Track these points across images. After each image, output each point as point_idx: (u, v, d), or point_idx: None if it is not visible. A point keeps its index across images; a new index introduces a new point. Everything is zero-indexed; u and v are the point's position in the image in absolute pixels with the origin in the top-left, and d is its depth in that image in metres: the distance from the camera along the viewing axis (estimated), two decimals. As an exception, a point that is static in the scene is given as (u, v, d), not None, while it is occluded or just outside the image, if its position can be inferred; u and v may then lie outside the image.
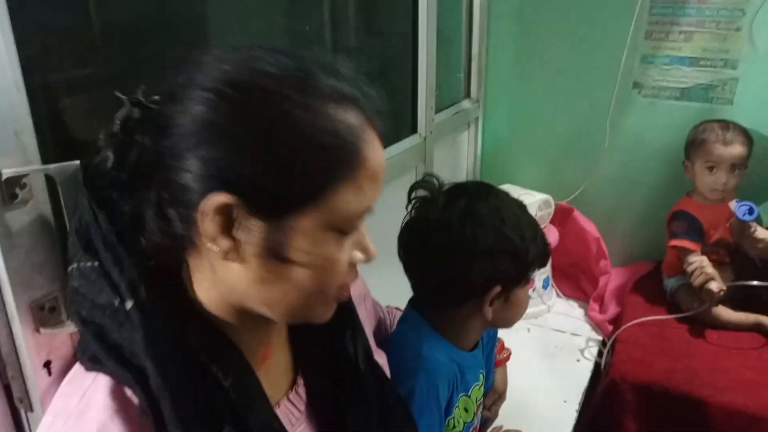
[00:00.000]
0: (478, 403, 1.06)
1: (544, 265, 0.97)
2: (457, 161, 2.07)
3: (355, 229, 0.59)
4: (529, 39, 2.00)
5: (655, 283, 1.85)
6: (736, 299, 1.63)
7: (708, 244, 1.68)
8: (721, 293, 1.52)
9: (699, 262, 1.58)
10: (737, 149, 1.61)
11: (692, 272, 1.57)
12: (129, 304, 0.55)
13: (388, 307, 1.12)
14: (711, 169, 1.64)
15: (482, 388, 1.07)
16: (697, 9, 1.75)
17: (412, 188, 0.99)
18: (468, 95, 2.09)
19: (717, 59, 1.78)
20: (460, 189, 0.95)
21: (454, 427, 0.99)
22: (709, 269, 1.56)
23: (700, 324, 1.62)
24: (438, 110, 1.80)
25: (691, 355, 1.53)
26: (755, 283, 1.55)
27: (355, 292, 0.87)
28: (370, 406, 0.72)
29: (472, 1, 1.96)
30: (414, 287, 1.00)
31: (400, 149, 1.47)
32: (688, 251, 1.64)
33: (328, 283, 0.59)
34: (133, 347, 0.55)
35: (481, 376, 1.06)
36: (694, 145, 1.68)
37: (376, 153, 0.58)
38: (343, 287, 0.61)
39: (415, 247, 0.96)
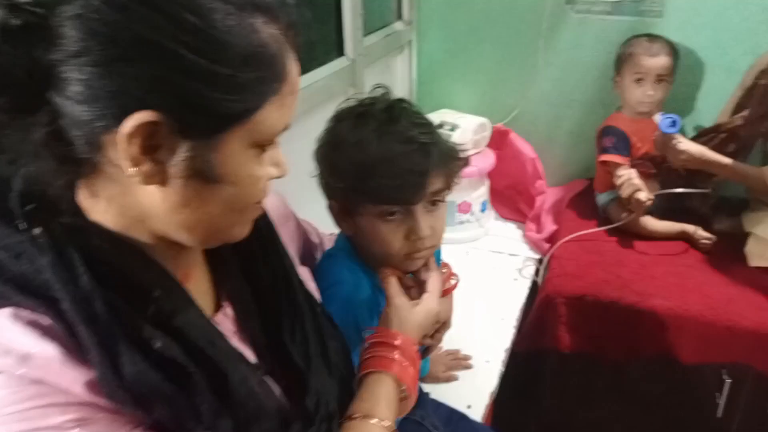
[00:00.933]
0: None
1: (385, 202, 0.88)
2: (391, 86, 1.99)
3: (273, 145, 0.59)
4: (460, -45, 1.92)
5: (588, 200, 1.88)
6: (662, 209, 1.68)
7: (635, 157, 1.71)
8: (649, 203, 1.56)
9: (627, 175, 1.61)
10: (663, 60, 1.63)
11: (621, 184, 1.60)
12: (36, 231, 0.51)
13: (332, 234, 1.10)
14: (638, 81, 1.66)
15: None
16: None
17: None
18: (400, 17, 2.01)
19: (647, -29, 1.75)
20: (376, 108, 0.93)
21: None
22: (637, 180, 1.59)
23: (630, 235, 1.67)
24: (368, 32, 1.73)
25: (621, 265, 1.58)
26: (680, 190, 1.61)
27: (276, 212, 0.84)
28: (304, 325, 0.72)
29: None
30: None
31: (326, 72, 1.40)
32: (617, 165, 1.67)
33: (249, 201, 0.59)
34: (37, 276, 0.51)
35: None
36: (623, 59, 1.69)
37: (295, 67, 0.57)
38: (260, 201, 0.62)
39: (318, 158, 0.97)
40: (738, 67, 1.71)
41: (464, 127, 1.89)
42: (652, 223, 1.65)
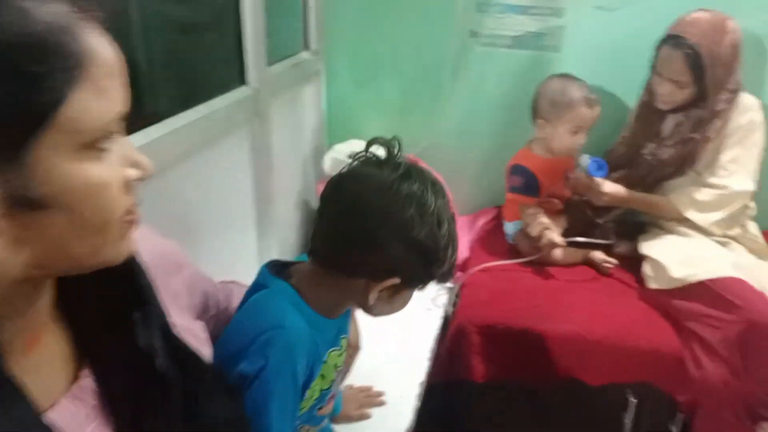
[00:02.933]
0: (337, 369, 1.01)
1: (443, 281, 0.92)
2: (300, 117, 1.98)
3: (112, 141, 0.50)
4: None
5: (497, 228, 1.92)
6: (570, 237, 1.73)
7: (544, 195, 1.75)
8: (562, 244, 1.63)
9: (534, 213, 1.65)
10: (598, 110, 1.66)
11: (529, 223, 1.64)
12: None
13: (222, 282, 1.02)
14: (575, 132, 1.67)
15: (343, 355, 1.01)
16: (524, -43, 1.79)
17: (371, 142, 0.90)
18: (307, 47, 1.98)
19: (545, 7, 1.84)
20: (418, 172, 0.87)
21: (310, 396, 0.93)
22: (545, 219, 1.64)
23: (538, 263, 1.70)
24: (275, 61, 1.69)
25: (531, 293, 1.60)
26: (582, 240, 1.68)
27: (164, 258, 0.76)
28: (171, 402, 0.61)
29: (304, -56, 1.85)
30: (317, 238, 0.90)
31: (227, 101, 1.34)
32: (525, 204, 1.71)
33: (106, 214, 0.50)
34: None
35: (342, 341, 1.00)
36: (557, 108, 1.65)
37: (103, 44, 0.48)
38: (129, 212, 0.53)
39: (347, 197, 0.86)
40: (631, 98, 1.81)
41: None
42: (558, 252, 1.70)
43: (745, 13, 1.56)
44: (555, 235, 1.63)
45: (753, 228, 1.67)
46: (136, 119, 1.10)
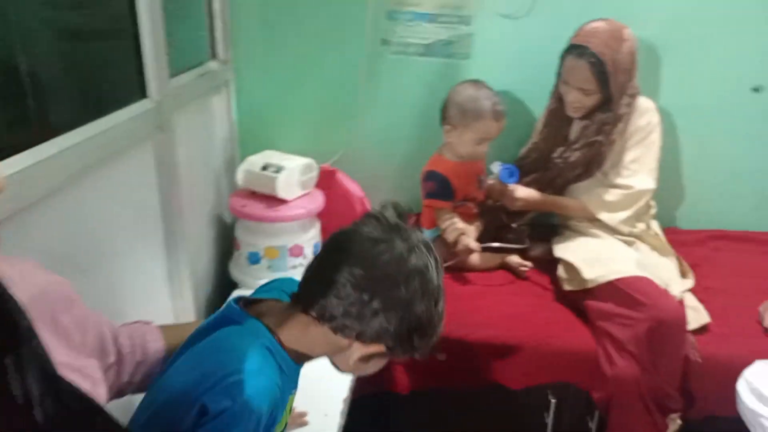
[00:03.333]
0: (291, 411, 0.97)
1: (423, 355, 0.90)
2: (210, 129, 1.90)
3: None
4: (276, -2, 1.89)
5: (417, 236, 1.91)
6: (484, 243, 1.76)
7: (458, 199, 1.77)
8: (478, 249, 1.64)
9: (450, 219, 1.67)
10: (503, 122, 1.68)
11: (445, 229, 1.65)
12: None
13: (125, 324, 0.94)
14: (479, 142, 1.69)
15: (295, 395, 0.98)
16: (431, -35, 1.80)
17: (385, 206, 0.91)
18: (214, 56, 1.91)
19: (453, 15, 1.86)
20: (425, 244, 0.86)
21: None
22: (460, 224, 1.67)
23: (456, 269, 1.71)
24: (179, 72, 1.61)
25: (451, 300, 1.58)
26: (497, 245, 1.72)
27: (51, 295, 0.69)
28: None
29: (207, -50, 1.77)
30: (310, 287, 0.86)
31: (127, 115, 1.26)
32: (441, 209, 1.72)
33: None
34: None
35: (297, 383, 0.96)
36: (465, 116, 1.65)
37: None
38: None
39: (353, 259, 0.82)
40: (538, 103, 1.86)
41: (290, 169, 1.84)
42: (475, 257, 1.72)
43: (636, 22, 1.64)
44: (471, 240, 1.65)
45: (655, 226, 1.76)
46: (26, 135, 1.02)
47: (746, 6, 1.75)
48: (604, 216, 1.66)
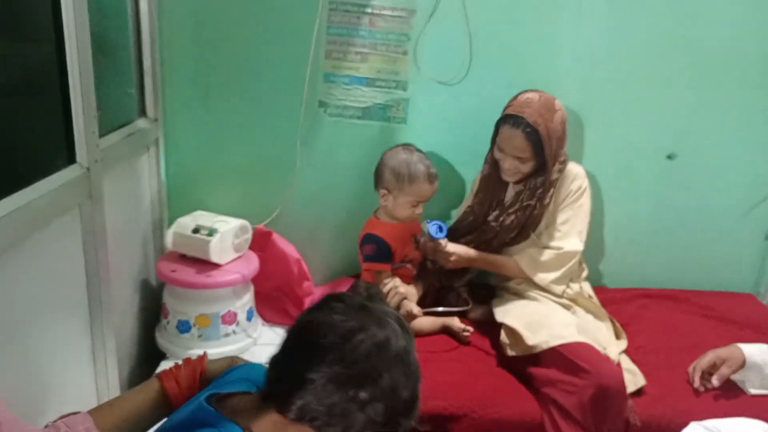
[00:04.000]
0: None
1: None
2: (138, 190, 1.80)
3: None
4: (209, 52, 1.84)
5: (356, 299, 1.87)
6: (425, 306, 1.75)
7: (397, 261, 1.76)
8: (420, 315, 1.64)
9: (392, 284, 1.66)
10: (437, 185, 1.72)
11: (387, 293, 1.63)
12: None
13: (65, 416, 0.84)
14: (414, 205, 1.71)
15: None
16: (368, 32, 1.83)
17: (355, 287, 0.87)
18: (144, 114, 1.82)
19: (390, 80, 1.88)
20: (403, 326, 0.84)
21: None
22: (402, 289, 1.65)
23: (399, 335, 1.68)
24: (106, 132, 1.52)
25: (395, 368, 1.57)
26: (441, 309, 1.71)
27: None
28: None
29: (138, 5, 1.71)
30: (288, 384, 0.79)
31: (53, 185, 1.16)
32: (381, 272, 1.70)
33: None
34: None
35: None
36: (400, 180, 1.68)
37: None
38: None
39: (328, 348, 0.77)
40: (472, 166, 1.91)
41: (223, 231, 1.76)
42: (418, 322, 1.70)
43: (561, 91, 1.73)
44: (413, 305, 1.64)
45: (587, 287, 1.82)
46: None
47: (663, 75, 1.89)
48: (535, 274, 1.71)
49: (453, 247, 1.70)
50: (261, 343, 1.88)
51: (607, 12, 1.83)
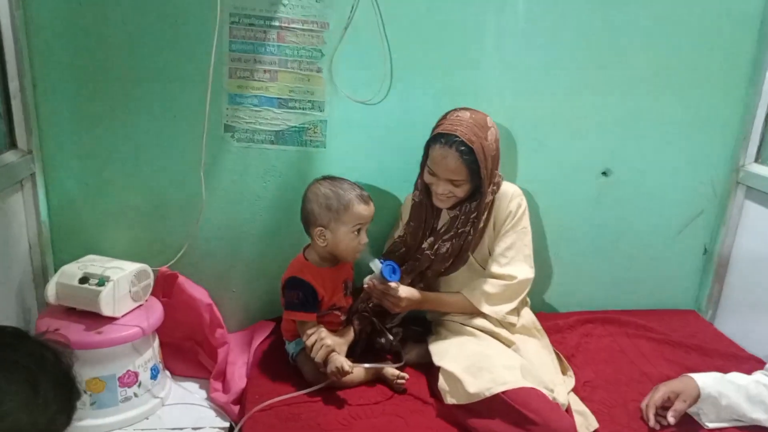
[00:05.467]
0: None
1: None
2: (9, 233, 1.52)
3: None
4: (92, 70, 1.59)
5: (277, 348, 1.66)
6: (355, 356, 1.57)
7: (324, 309, 1.56)
8: (351, 371, 1.45)
9: (317, 335, 1.46)
10: (372, 206, 1.53)
11: (311, 346, 1.44)
12: None
13: None
14: (357, 231, 1.51)
15: None
16: (277, 47, 1.64)
17: None
18: (13, 145, 1.55)
19: (305, 100, 1.70)
20: None
21: None
22: (329, 341, 1.46)
23: (328, 389, 1.48)
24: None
25: (323, 427, 1.37)
26: (374, 365, 1.52)
27: None
28: None
29: (-2, 19, 1.45)
30: None
31: None
32: (305, 323, 1.50)
33: None
34: None
35: None
36: (333, 211, 1.48)
37: None
38: None
39: None
40: (400, 191, 1.76)
41: (117, 279, 1.52)
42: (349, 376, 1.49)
43: (490, 107, 1.60)
44: (343, 360, 1.44)
45: (530, 316, 1.69)
46: None
47: (594, 86, 1.80)
48: (488, 309, 1.57)
49: (405, 292, 1.52)
50: (170, 402, 1.63)
51: (530, 23, 1.72)
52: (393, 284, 1.49)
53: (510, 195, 1.62)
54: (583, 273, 1.98)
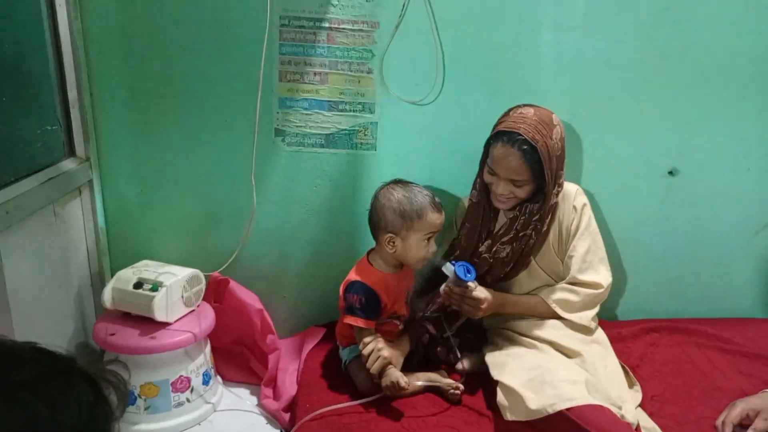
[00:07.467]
0: None
1: None
2: (64, 241, 1.54)
3: None
4: (146, 79, 1.61)
5: (329, 355, 1.63)
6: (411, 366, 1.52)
7: (384, 317, 1.50)
8: (408, 388, 1.40)
9: (374, 345, 1.41)
10: (443, 214, 1.48)
11: (368, 355, 1.39)
12: None
13: None
14: (427, 240, 1.46)
15: None
16: (327, 49, 1.61)
17: None
18: (72, 153, 1.58)
19: (355, 103, 1.66)
20: None
21: None
22: (386, 352, 1.41)
23: (381, 399, 1.43)
24: (21, 176, 1.29)
25: (376, 439, 1.33)
26: (422, 384, 1.46)
27: None
28: None
29: (57, 30, 1.48)
30: None
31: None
32: (363, 329, 1.46)
33: None
34: None
35: None
36: (407, 218, 1.43)
37: None
38: None
39: None
40: (454, 193, 1.71)
41: (170, 284, 1.52)
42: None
43: (549, 106, 1.52)
44: (399, 375, 1.39)
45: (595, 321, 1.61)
46: None
47: (657, 83, 1.70)
48: (571, 315, 1.51)
49: (482, 292, 1.46)
50: (222, 408, 1.63)
51: (589, 16, 1.62)
52: (471, 284, 1.44)
53: (573, 194, 1.54)
54: (646, 278, 1.86)
